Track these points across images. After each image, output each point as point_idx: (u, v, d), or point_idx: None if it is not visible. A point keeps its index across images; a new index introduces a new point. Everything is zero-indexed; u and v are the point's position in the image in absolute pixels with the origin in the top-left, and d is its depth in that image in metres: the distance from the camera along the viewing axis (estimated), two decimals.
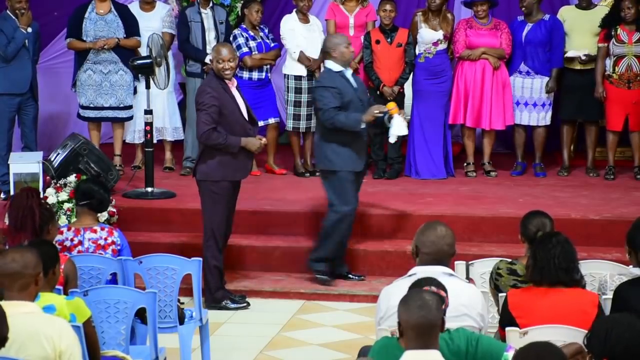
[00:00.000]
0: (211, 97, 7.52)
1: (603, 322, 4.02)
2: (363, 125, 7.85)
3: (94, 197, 6.48)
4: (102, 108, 10.09)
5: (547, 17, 10.15)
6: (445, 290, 4.50)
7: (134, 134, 10.46)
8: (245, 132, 7.65)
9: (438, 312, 4.06)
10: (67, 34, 10.17)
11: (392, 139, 8.00)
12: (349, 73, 8.06)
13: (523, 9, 10.12)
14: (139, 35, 10.10)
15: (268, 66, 10.15)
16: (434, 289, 4.44)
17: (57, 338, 4.38)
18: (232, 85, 7.67)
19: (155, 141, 10.17)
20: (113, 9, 10.09)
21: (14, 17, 9.65)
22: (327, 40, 8.26)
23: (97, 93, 10.04)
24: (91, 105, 10.07)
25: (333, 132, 7.88)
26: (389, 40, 10.09)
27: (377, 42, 10.09)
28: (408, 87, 10.25)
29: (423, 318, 4.00)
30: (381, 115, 7.84)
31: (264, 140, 7.84)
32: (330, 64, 8.04)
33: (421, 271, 4.84)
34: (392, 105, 7.96)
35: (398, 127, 7.88)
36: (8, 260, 4.50)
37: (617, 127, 10.01)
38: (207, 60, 9.99)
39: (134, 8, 10.37)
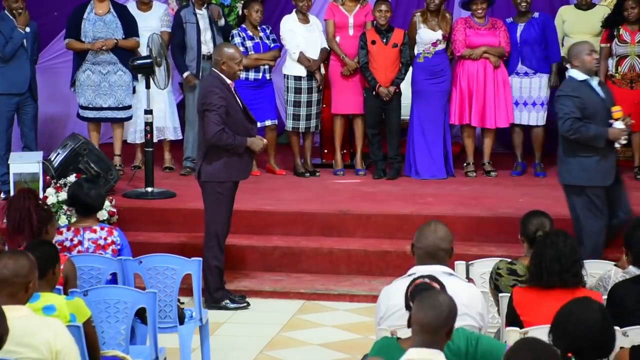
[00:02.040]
0: (219, 97, 7.52)
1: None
2: (602, 144, 7.44)
3: (77, 203, 6.48)
4: (101, 108, 10.09)
5: (536, 14, 10.17)
6: (442, 285, 4.49)
7: (136, 134, 10.45)
8: (247, 132, 7.67)
9: (448, 315, 4.06)
10: (66, 34, 10.17)
11: (621, 143, 7.55)
12: (594, 82, 7.54)
13: (524, 4, 10.07)
14: (138, 36, 10.09)
15: (266, 67, 10.14)
16: (426, 280, 4.45)
17: (52, 339, 4.37)
18: (232, 86, 7.70)
19: (156, 140, 10.20)
20: (112, 10, 10.09)
21: (11, 17, 9.66)
22: (570, 48, 7.76)
23: (96, 93, 10.04)
24: (90, 106, 10.07)
25: (579, 144, 7.44)
26: (384, 40, 10.09)
27: (373, 42, 10.09)
28: (406, 87, 10.25)
29: (432, 318, 4.02)
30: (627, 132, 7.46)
31: (265, 140, 7.86)
32: (573, 73, 7.56)
33: (421, 271, 4.83)
34: (616, 109, 7.52)
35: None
36: (0, 266, 4.48)
37: None
38: (184, 75, 10.04)
39: (131, 8, 10.36)
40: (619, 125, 7.48)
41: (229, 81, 7.63)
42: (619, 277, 5.48)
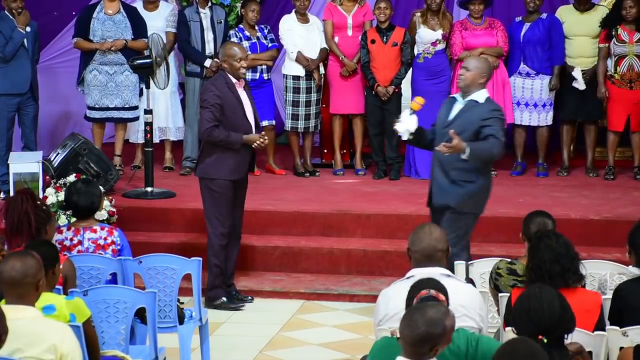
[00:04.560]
0: (214, 95, 7.55)
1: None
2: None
3: (70, 207, 6.50)
4: (108, 108, 10.07)
5: (544, 15, 10.15)
6: (446, 292, 4.48)
7: (138, 133, 10.43)
8: (246, 131, 7.68)
9: (425, 333, 3.96)
10: (75, 33, 10.14)
11: (403, 137, 7.17)
12: (460, 100, 7.17)
13: (532, 4, 10.05)
14: (147, 37, 10.07)
15: (264, 67, 10.14)
16: (432, 292, 4.43)
17: (59, 342, 4.37)
18: (240, 86, 7.70)
19: (157, 140, 10.19)
20: (122, 10, 10.07)
21: (11, 17, 9.65)
22: None
23: (103, 93, 10.02)
24: (96, 106, 10.06)
25: None
26: (384, 39, 10.08)
27: (373, 41, 10.08)
28: (406, 87, 10.24)
29: (423, 332, 3.95)
30: None
31: (263, 133, 7.83)
32: None
33: (419, 273, 4.83)
34: (417, 100, 7.14)
35: (403, 123, 7.04)
36: (7, 268, 4.47)
37: (618, 127, 10.00)
38: (206, 64, 10.02)
39: (138, 7, 10.34)
40: (403, 114, 7.11)
41: (234, 80, 7.64)
42: (615, 279, 5.48)
